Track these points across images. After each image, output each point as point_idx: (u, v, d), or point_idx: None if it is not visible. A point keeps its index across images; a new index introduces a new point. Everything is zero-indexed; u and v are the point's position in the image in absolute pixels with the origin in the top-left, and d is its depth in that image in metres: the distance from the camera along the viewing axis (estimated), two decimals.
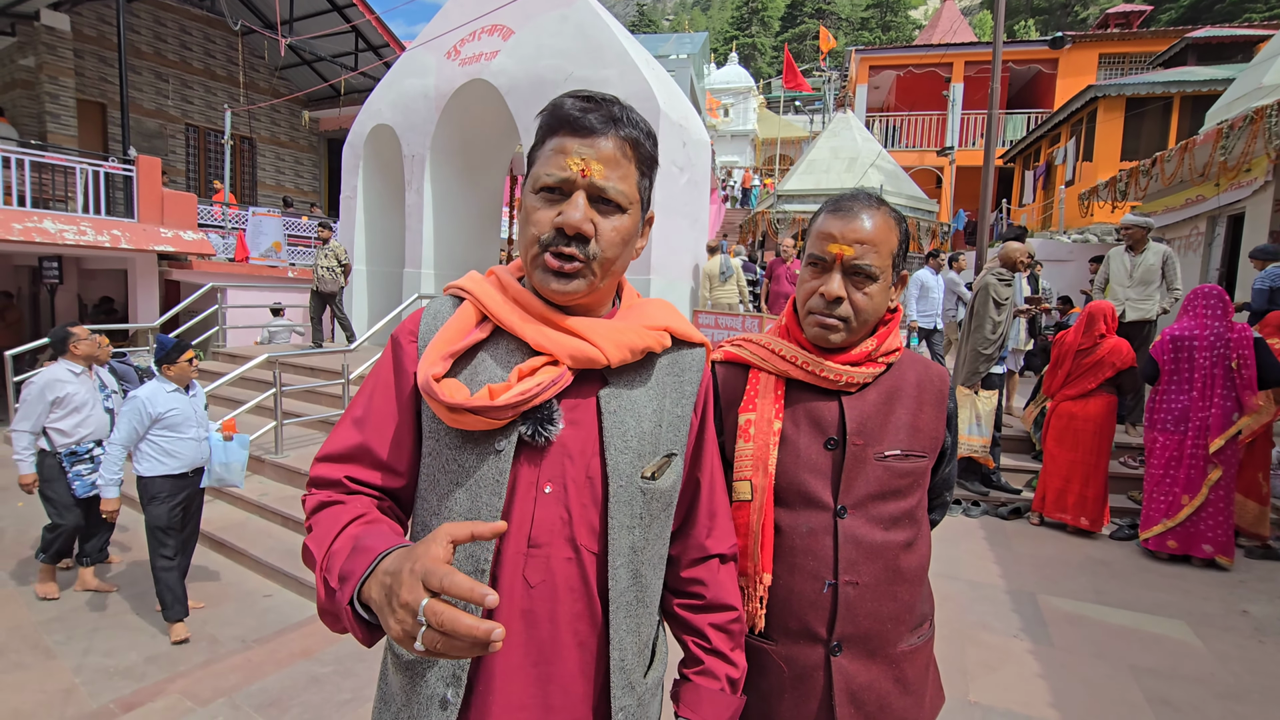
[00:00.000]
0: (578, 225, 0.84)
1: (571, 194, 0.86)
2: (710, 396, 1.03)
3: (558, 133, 0.87)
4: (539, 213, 0.87)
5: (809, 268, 1.13)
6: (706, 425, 1.03)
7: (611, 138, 0.86)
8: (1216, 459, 3.90)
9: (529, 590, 0.85)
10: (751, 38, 51.13)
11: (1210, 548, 3.94)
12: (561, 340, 0.87)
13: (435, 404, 0.85)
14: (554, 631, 0.86)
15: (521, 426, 0.86)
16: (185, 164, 13.90)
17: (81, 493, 3.90)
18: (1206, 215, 8.00)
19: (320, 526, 0.86)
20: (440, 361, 0.87)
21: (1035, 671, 2.83)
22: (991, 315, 4.70)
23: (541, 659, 0.85)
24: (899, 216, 1.13)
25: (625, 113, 0.89)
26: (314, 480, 0.94)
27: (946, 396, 1.16)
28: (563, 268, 0.86)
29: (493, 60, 7.09)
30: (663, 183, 6.21)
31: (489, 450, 0.86)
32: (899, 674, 1.09)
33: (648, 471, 0.90)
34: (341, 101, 14.22)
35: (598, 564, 0.88)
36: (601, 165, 0.85)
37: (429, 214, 7.76)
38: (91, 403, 3.99)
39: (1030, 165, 16.41)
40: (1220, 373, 3.92)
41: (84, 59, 12.04)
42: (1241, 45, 13.50)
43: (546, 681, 0.86)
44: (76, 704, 3.00)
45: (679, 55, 27.40)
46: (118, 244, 8.82)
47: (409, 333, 0.94)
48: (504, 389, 0.84)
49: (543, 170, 0.87)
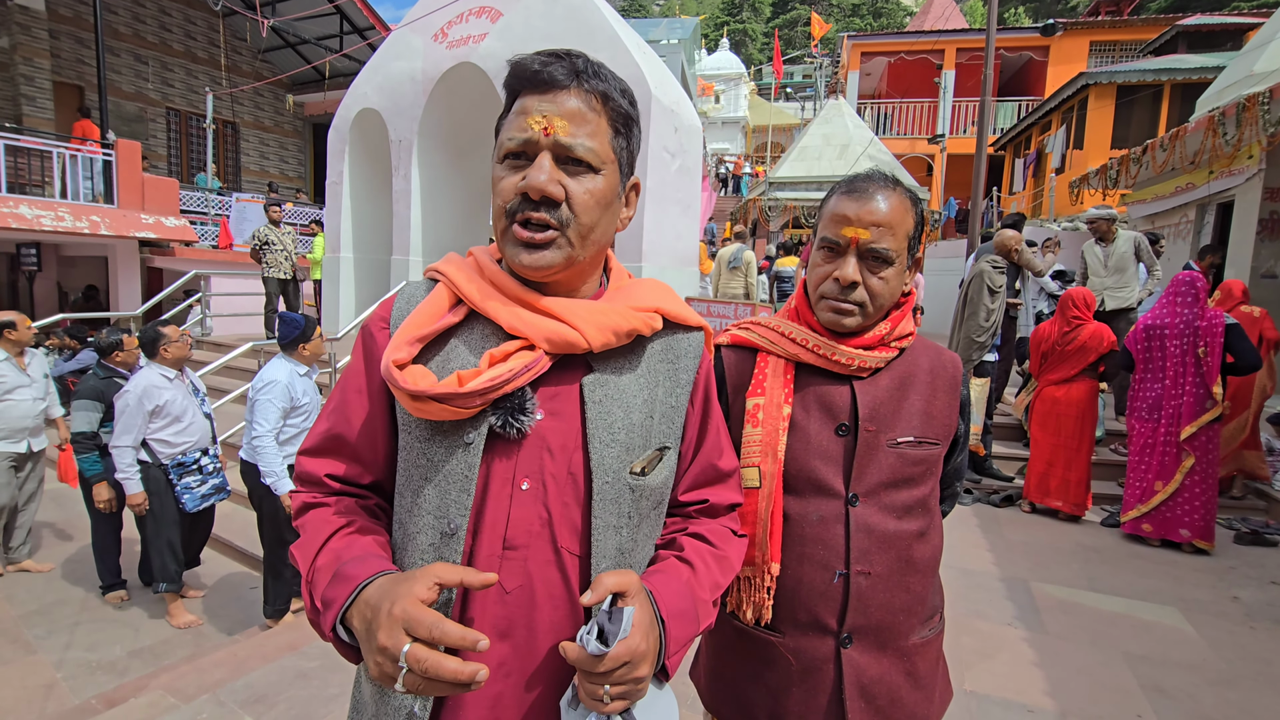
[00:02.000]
0: (542, 187, 0.76)
1: (535, 156, 0.78)
2: (711, 384, 0.94)
3: (520, 94, 0.80)
4: (503, 181, 0.80)
5: (822, 251, 1.08)
6: (710, 415, 0.94)
7: (576, 92, 0.78)
8: (1188, 446, 3.95)
9: (504, 596, 0.78)
10: (743, 24, 50.74)
11: (1187, 532, 4.00)
12: (536, 322, 0.80)
13: (398, 392, 0.78)
14: (530, 639, 0.78)
15: (491, 417, 0.78)
16: (167, 149, 13.62)
17: (191, 507, 3.53)
18: (1196, 203, 8.02)
19: (306, 533, 0.84)
20: (405, 346, 0.80)
21: (1029, 659, 2.83)
22: (986, 303, 4.70)
23: (516, 669, 0.78)
24: (915, 197, 1.08)
25: (592, 65, 0.81)
26: (299, 476, 0.91)
27: (960, 383, 1.13)
28: (533, 238, 0.78)
29: (481, 43, 6.96)
30: (654, 169, 6.13)
31: (458, 443, 0.79)
32: (910, 667, 1.06)
33: (637, 467, 0.82)
34: (327, 85, 13.97)
35: (580, 567, 0.80)
36: (566, 121, 0.77)
37: (417, 200, 7.64)
38: (191, 409, 3.61)
39: (1021, 153, 16.43)
40: (1191, 361, 3.97)
41: (60, 40, 11.73)
42: (1231, 33, 13.52)
43: (522, 690, 0.79)
44: (58, 699, 2.93)
45: (670, 40, 27.18)
46: (97, 230, 8.64)
47: (381, 319, 0.88)
48: (473, 375, 0.77)
49: (505, 136, 0.80)
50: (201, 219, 11.26)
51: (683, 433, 0.90)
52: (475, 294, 0.82)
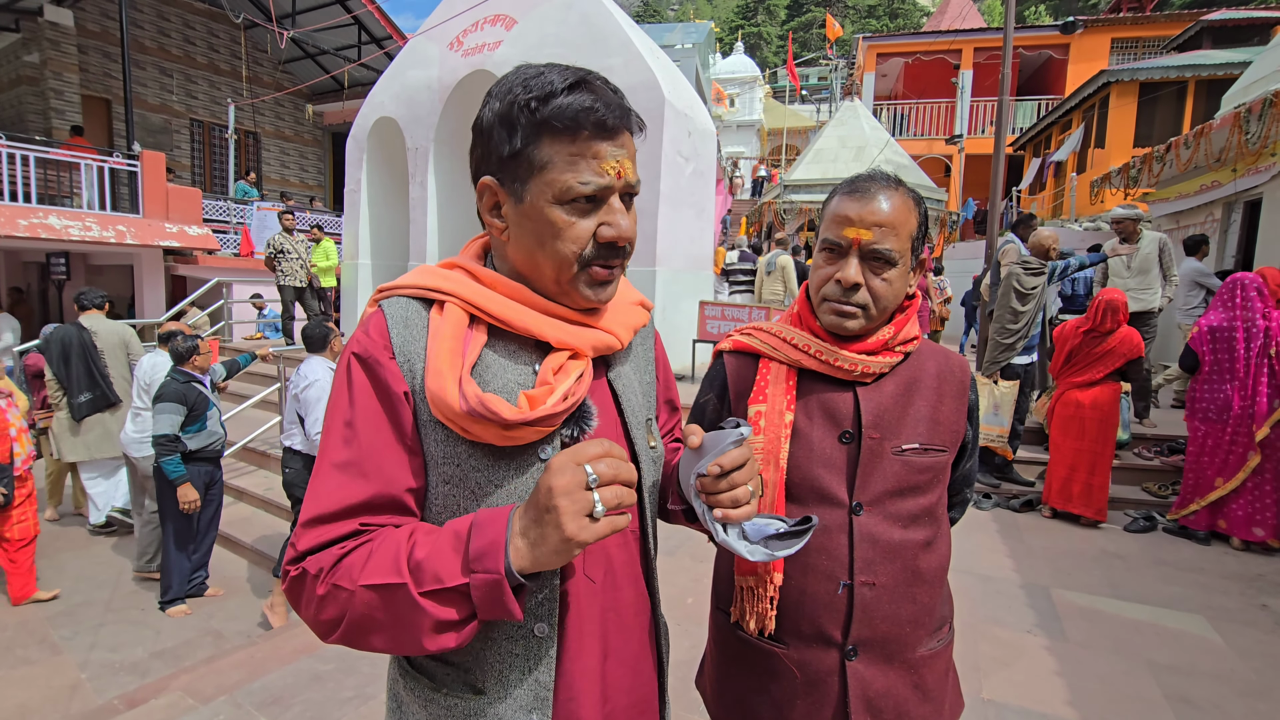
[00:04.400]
0: (630, 236, 0.81)
1: (607, 200, 0.79)
2: (662, 352, 1.05)
3: (578, 134, 0.76)
4: (574, 227, 0.78)
5: (824, 253, 1.07)
6: (669, 378, 1.07)
7: (628, 128, 0.80)
8: (1260, 447, 3.95)
9: (592, 586, 0.84)
10: (757, 27, 50.67)
11: (1261, 531, 4.02)
12: (580, 333, 0.83)
13: (483, 425, 0.74)
14: (620, 622, 0.86)
15: (564, 430, 0.81)
16: (190, 159, 13.91)
17: None
18: (1222, 201, 7.84)
19: (373, 561, 0.71)
20: (469, 377, 0.76)
21: (1050, 668, 2.77)
22: (1014, 305, 4.63)
23: (616, 648, 0.85)
24: (918, 197, 1.06)
25: (621, 94, 0.82)
26: (313, 548, 0.74)
27: (968, 388, 1.10)
28: (610, 275, 0.82)
29: (496, 51, 7.02)
30: (668, 172, 6.14)
31: (530, 461, 0.79)
32: (918, 680, 1.04)
33: (650, 441, 0.93)
34: (345, 94, 14.18)
35: (640, 543, 0.90)
36: (631, 163, 0.80)
37: (433, 207, 7.71)
38: None
39: (1040, 153, 16.20)
40: (1265, 361, 3.97)
41: (88, 54, 12.04)
42: (1258, 28, 13.23)
43: (623, 668, 0.86)
44: (82, 699, 3.00)
45: (684, 45, 27.16)
46: (123, 239, 8.83)
47: (383, 348, 0.78)
48: (546, 393, 0.77)
49: (574, 179, 0.76)
50: (224, 228, 11.46)
51: (655, 401, 1.01)
52: (511, 315, 0.81)
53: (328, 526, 0.74)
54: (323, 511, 0.74)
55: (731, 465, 0.79)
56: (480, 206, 0.85)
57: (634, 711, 0.87)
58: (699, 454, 0.82)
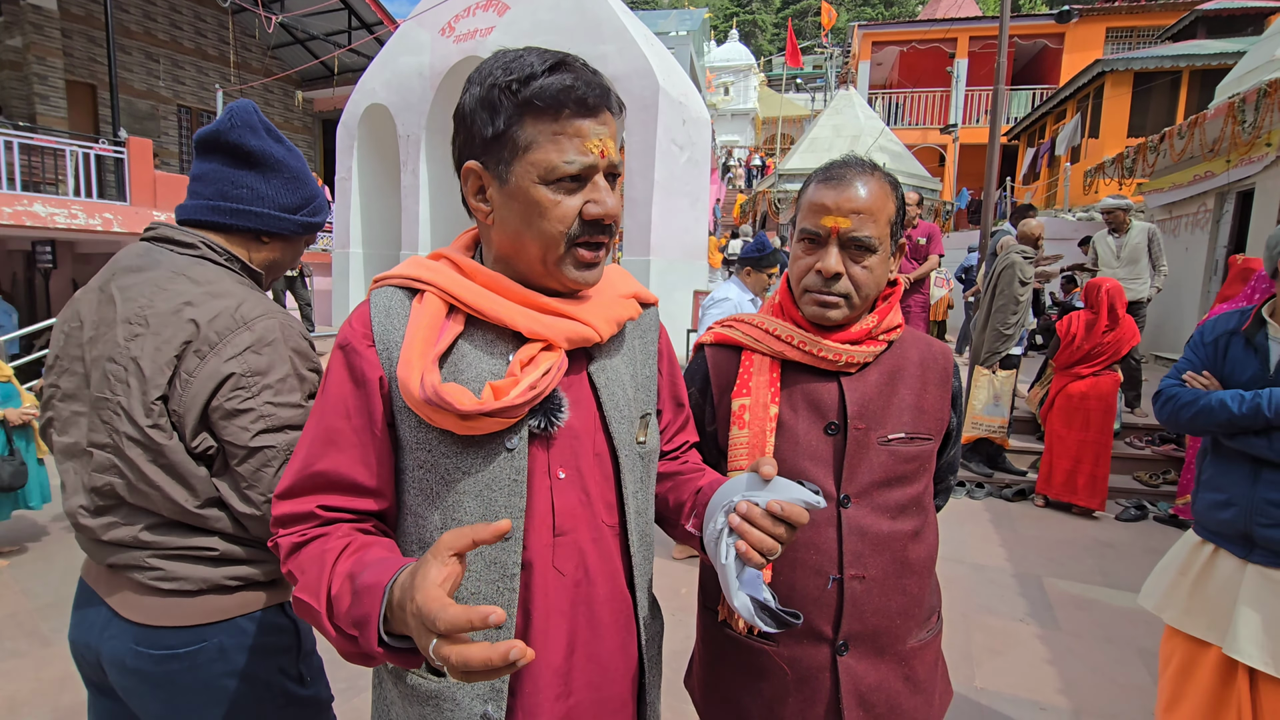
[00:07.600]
0: (616, 213, 0.81)
1: (591, 178, 0.80)
2: (670, 349, 1.02)
3: (560, 112, 0.76)
4: (559, 207, 0.78)
5: (802, 243, 1.05)
6: (675, 376, 1.04)
7: (609, 107, 0.80)
8: None
9: (561, 579, 0.82)
10: (752, 14, 50.32)
11: None
12: (554, 324, 0.82)
13: (442, 413, 0.76)
14: (592, 616, 0.84)
15: (530, 420, 0.81)
16: (178, 145, 13.73)
17: None
18: (1215, 191, 7.86)
19: (308, 573, 0.76)
20: (432, 367, 0.77)
21: (1042, 656, 2.79)
22: (1017, 294, 4.64)
23: (583, 644, 0.84)
24: (894, 181, 1.05)
25: (600, 75, 0.82)
26: (280, 519, 0.82)
27: (951, 375, 1.10)
28: (595, 257, 0.82)
29: (488, 36, 6.93)
30: (662, 161, 6.09)
31: (497, 450, 0.80)
32: (908, 672, 1.04)
33: (640, 436, 0.91)
34: (335, 81, 14.01)
35: (619, 537, 0.88)
36: (613, 141, 0.80)
37: (425, 195, 7.65)
38: None
39: (1034, 142, 16.20)
40: None
41: (72, 39, 11.83)
42: (1253, 17, 13.20)
43: (592, 664, 0.84)
44: (72, 692, 2.97)
45: (678, 32, 26.96)
46: (110, 228, 8.71)
47: (362, 337, 0.82)
48: (511, 384, 0.77)
49: (559, 159, 0.77)
50: None
51: (657, 396, 0.99)
52: (485, 304, 0.81)
53: (292, 501, 0.81)
54: (290, 485, 0.82)
55: (787, 517, 0.74)
56: (465, 191, 0.85)
57: (601, 709, 0.85)
58: (759, 485, 0.77)
